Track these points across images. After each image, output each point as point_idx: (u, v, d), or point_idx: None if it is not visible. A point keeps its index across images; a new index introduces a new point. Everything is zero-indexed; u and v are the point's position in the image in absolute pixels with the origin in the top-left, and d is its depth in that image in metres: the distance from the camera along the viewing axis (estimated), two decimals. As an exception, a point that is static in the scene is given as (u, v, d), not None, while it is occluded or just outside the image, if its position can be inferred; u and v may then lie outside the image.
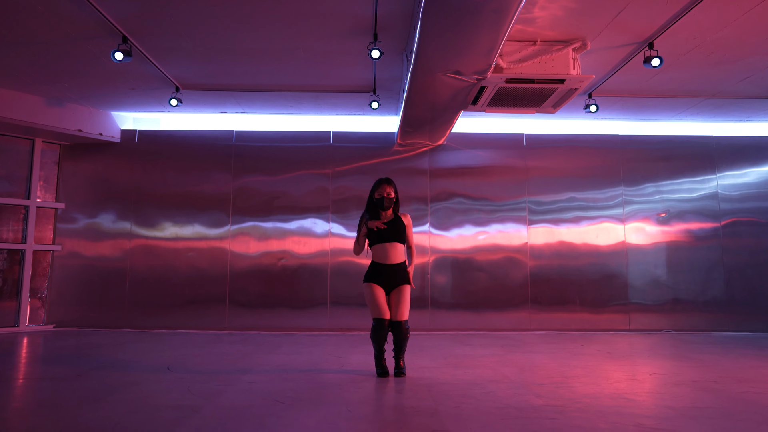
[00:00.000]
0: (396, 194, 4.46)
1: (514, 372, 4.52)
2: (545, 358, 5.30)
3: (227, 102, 7.24)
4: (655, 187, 8.00)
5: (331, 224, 7.78)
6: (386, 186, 4.42)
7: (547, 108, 6.13)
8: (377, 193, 4.42)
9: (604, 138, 8.10)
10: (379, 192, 4.42)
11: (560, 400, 3.49)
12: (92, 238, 7.70)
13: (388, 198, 4.40)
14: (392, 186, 4.46)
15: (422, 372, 4.51)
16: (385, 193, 4.39)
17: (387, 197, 4.39)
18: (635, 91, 6.69)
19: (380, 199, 4.40)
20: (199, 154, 7.90)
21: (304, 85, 6.65)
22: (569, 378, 4.27)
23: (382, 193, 4.40)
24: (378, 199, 4.41)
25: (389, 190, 4.42)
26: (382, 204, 4.40)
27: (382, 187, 4.42)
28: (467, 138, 8.02)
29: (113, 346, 5.97)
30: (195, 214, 7.79)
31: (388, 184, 4.44)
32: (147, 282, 7.64)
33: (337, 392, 3.74)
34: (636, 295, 7.78)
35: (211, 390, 3.77)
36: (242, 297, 7.65)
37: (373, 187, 4.47)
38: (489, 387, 3.91)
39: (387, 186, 4.43)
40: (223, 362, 4.97)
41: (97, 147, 7.81)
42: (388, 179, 4.48)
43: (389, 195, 4.40)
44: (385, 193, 4.39)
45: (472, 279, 7.76)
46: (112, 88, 6.74)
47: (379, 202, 4.40)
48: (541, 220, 7.90)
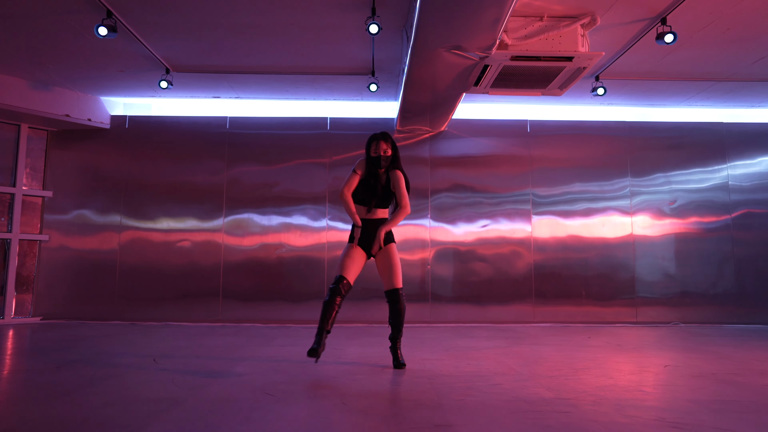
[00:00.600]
0: (394, 150, 4.10)
1: (520, 364, 4.27)
2: (552, 350, 5.04)
3: (220, 86, 6.96)
4: (664, 177, 7.72)
5: (329, 215, 7.51)
6: (381, 142, 4.04)
7: (554, 89, 5.86)
8: (372, 151, 4.05)
9: (611, 125, 7.82)
10: (375, 149, 4.05)
11: (572, 393, 3.24)
12: (81, 227, 7.43)
13: (385, 156, 4.03)
14: (389, 142, 4.07)
15: (423, 364, 4.26)
16: (381, 151, 4.03)
17: (384, 155, 4.03)
18: (644, 73, 6.41)
19: (376, 158, 4.03)
20: (192, 141, 7.63)
21: (299, 66, 6.37)
22: (579, 370, 4.02)
23: (378, 150, 4.03)
24: (374, 157, 4.04)
25: (385, 147, 4.04)
26: (378, 163, 4.03)
27: (378, 144, 4.04)
28: (469, 124, 7.75)
29: (99, 338, 5.72)
30: (187, 203, 7.52)
31: (384, 140, 4.05)
32: (137, 273, 7.38)
33: (332, 384, 3.48)
34: (643, 287, 7.52)
35: (196, 382, 3.51)
36: (236, 289, 7.39)
37: (368, 144, 4.09)
38: (495, 379, 3.65)
39: (383, 142, 4.05)
40: (213, 354, 4.71)
41: (86, 133, 7.53)
42: (385, 134, 4.09)
43: (386, 153, 4.04)
44: (381, 151, 4.03)
45: (474, 271, 7.50)
46: (99, 70, 6.46)
47: (375, 161, 4.04)
48: (546, 211, 7.63)
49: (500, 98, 7.44)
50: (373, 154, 4.04)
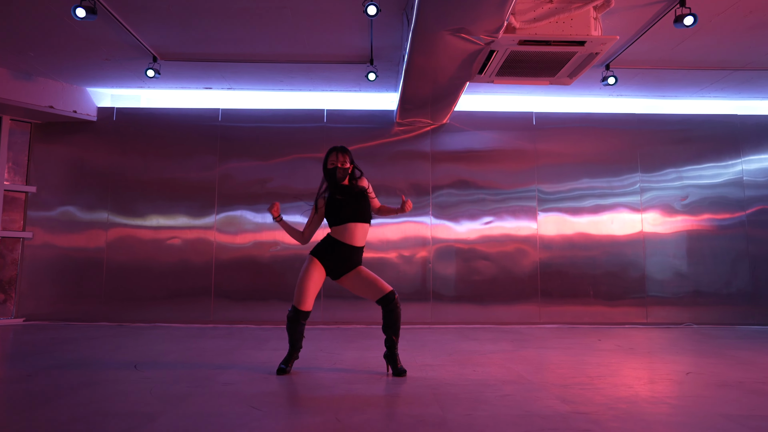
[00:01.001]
0: (353, 164, 3.89)
1: (530, 371, 3.95)
2: (561, 355, 4.73)
3: (212, 76, 6.64)
4: (675, 172, 7.40)
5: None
6: (339, 154, 3.83)
7: (563, 78, 5.54)
8: (330, 164, 3.83)
9: (620, 117, 7.50)
10: (332, 161, 3.83)
11: (591, 406, 2.92)
12: (66, 225, 7.11)
13: (342, 168, 3.80)
14: (346, 154, 3.86)
15: (424, 371, 3.94)
16: (338, 163, 3.81)
17: (341, 167, 3.80)
18: (657, 61, 6.09)
19: (332, 169, 3.81)
20: (183, 135, 7.31)
21: (294, 55, 6.05)
22: (594, 378, 3.71)
23: (335, 162, 3.81)
24: (330, 169, 3.82)
25: (343, 159, 3.82)
26: (334, 175, 3.80)
27: (334, 156, 3.83)
28: (472, 117, 7.43)
29: (83, 340, 5.40)
30: (178, 199, 7.20)
31: (342, 153, 3.84)
32: (125, 272, 7.05)
33: (326, 396, 3.16)
34: (654, 286, 7.20)
35: (177, 393, 3.20)
36: (229, 288, 7.07)
37: (326, 157, 3.88)
38: (504, 389, 3.34)
39: (340, 154, 3.83)
40: (201, 359, 4.40)
41: (72, 126, 7.20)
42: (343, 147, 3.89)
43: (343, 164, 3.81)
44: (339, 163, 3.81)
45: (477, 270, 7.18)
46: (83, 59, 6.13)
47: (331, 173, 3.81)
48: (552, 207, 7.31)
49: (505, 89, 7.12)
50: (329, 166, 3.83)
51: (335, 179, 3.82)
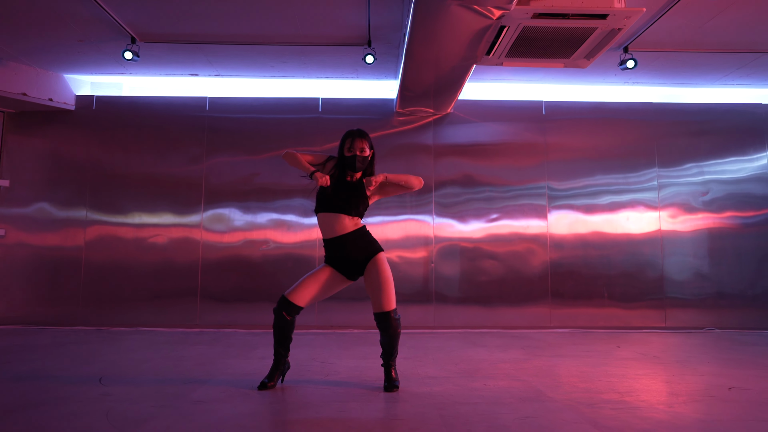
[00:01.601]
0: (372, 151, 3.44)
1: (549, 385, 3.46)
2: (580, 364, 4.23)
3: (197, 60, 6.13)
4: (696, 166, 6.88)
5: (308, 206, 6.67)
6: (358, 140, 3.37)
7: (579, 59, 5.04)
8: (347, 150, 3.38)
9: (635, 107, 6.99)
10: (350, 148, 3.37)
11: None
12: (41, 222, 6.60)
13: (362, 157, 3.37)
14: (366, 140, 3.41)
15: (429, 385, 3.45)
16: (357, 150, 3.36)
17: (360, 155, 3.36)
18: (681, 42, 5.59)
19: (351, 157, 3.36)
20: (168, 125, 6.80)
21: (285, 36, 5.55)
22: (624, 395, 3.21)
23: (354, 149, 3.36)
24: (349, 157, 3.37)
25: (362, 146, 3.37)
26: (353, 164, 3.37)
27: (354, 142, 3.37)
28: (477, 106, 6.92)
29: (52, 347, 4.90)
30: (162, 195, 6.69)
31: (362, 138, 3.39)
32: (105, 273, 6.55)
33: (313, 418, 2.67)
34: (673, 288, 6.70)
35: (136, 415, 2.70)
36: (216, 290, 6.57)
37: (342, 141, 3.42)
38: (522, 409, 2.84)
39: (359, 140, 3.37)
40: (177, 370, 3.90)
41: (48, 115, 6.70)
42: (362, 132, 3.43)
43: (363, 152, 3.37)
44: (358, 150, 3.36)
45: (483, 270, 6.68)
46: (55, 40, 5.62)
47: (350, 161, 3.37)
48: (564, 204, 6.80)
49: (512, 75, 6.61)
50: (347, 153, 3.39)
51: (353, 168, 3.39)
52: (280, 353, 3.37)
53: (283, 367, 3.41)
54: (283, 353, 3.38)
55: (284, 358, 3.39)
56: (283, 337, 3.36)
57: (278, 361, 3.38)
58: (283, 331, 3.34)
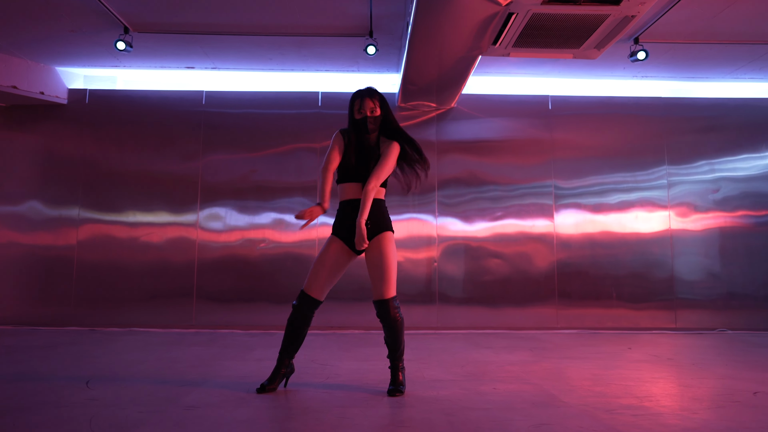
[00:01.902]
0: (385, 110, 3.12)
1: (561, 388, 3.26)
2: (592, 367, 4.04)
3: (193, 52, 5.95)
4: (707, 164, 6.70)
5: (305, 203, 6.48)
6: (367, 100, 3.07)
7: (589, 49, 4.86)
8: (357, 112, 3.09)
9: (644, 102, 6.81)
10: (360, 110, 3.08)
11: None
12: (32, 220, 6.42)
13: (373, 117, 3.06)
14: (377, 98, 3.10)
15: (435, 388, 3.25)
16: (368, 111, 3.07)
17: (371, 116, 3.06)
18: (693, 33, 5.41)
19: (362, 119, 3.06)
20: (163, 120, 6.62)
21: (284, 26, 5.37)
22: (643, 399, 3.02)
23: (365, 110, 3.07)
24: (360, 120, 3.07)
25: (373, 105, 3.07)
26: (365, 126, 3.06)
27: (364, 102, 3.07)
28: (481, 101, 6.74)
29: (40, 348, 4.71)
30: (157, 193, 6.50)
31: (371, 97, 3.09)
32: (98, 273, 6.36)
33: (313, 425, 2.48)
34: (683, 288, 6.51)
35: (123, 421, 2.51)
36: (213, 290, 6.38)
37: (351, 104, 3.13)
38: (536, 415, 2.65)
39: (368, 100, 3.07)
40: (170, 372, 3.71)
41: (39, 110, 6.51)
42: (371, 89, 3.13)
43: (374, 113, 3.07)
44: (368, 111, 3.07)
45: (487, 269, 6.49)
46: (46, 30, 5.44)
47: (362, 123, 3.06)
48: (570, 203, 6.61)
49: (518, 68, 6.43)
50: (358, 116, 3.09)
51: (366, 130, 3.07)
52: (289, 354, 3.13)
53: (287, 370, 3.19)
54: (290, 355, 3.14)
55: (289, 360, 3.15)
56: (296, 336, 3.11)
57: (280, 364, 3.13)
58: (295, 331, 3.10)
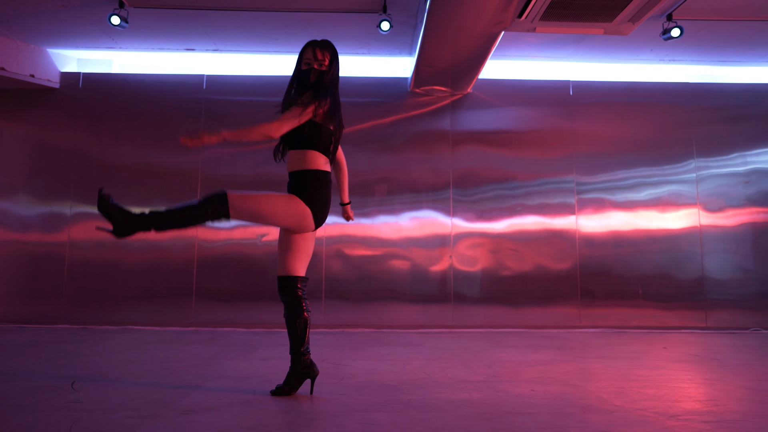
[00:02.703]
0: (332, 67, 2.73)
1: (609, 390, 2.87)
2: (631, 366, 3.66)
3: (193, 31, 5.58)
4: (738, 156, 6.31)
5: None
6: (318, 51, 2.70)
7: (623, 23, 4.49)
8: (304, 63, 2.72)
9: (671, 87, 6.43)
10: (307, 59, 2.70)
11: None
12: (21, 213, 6.02)
13: (320, 71, 2.69)
14: (329, 52, 2.72)
15: (465, 389, 2.86)
16: (315, 64, 2.69)
17: (317, 69, 2.68)
18: (729, 9, 5.04)
19: (307, 71, 2.69)
20: (162, 106, 6.24)
21: (294, 3, 4.99)
22: (708, 402, 2.63)
23: (311, 61, 2.70)
24: (305, 71, 2.70)
25: (322, 58, 2.69)
26: (307, 78, 2.68)
27: (315, 52, 2.69)
28: (498, 86, 6.36)
29: (25, 347, 4.32)
30: (155, 186, 6.12)
31: (324, 49, 2.71)
32: (91, 269, 5.97)
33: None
34: (714, 286, 6.12)
35: (112, 428, 2.12)
36: (213, 287, 5.99)
37: (301, 52, 2.75)
38: (593, 421, 2.25)
39: (320, 51, 2.70)
40: (166, 373, 3.31)
41: (29, 94, 6.13)
42: (328, 41, 2.74)
43: (321, 66, 2.69)
44: (316, 64, 2.69)
45: (506, 267, 6.10)
46: (35, 5, 5.06)
47: (305, 75, 2.70)
48: (593, 199, 6.23)
49: (537, 51, 6.05)
50: (304, 67, 2.72)
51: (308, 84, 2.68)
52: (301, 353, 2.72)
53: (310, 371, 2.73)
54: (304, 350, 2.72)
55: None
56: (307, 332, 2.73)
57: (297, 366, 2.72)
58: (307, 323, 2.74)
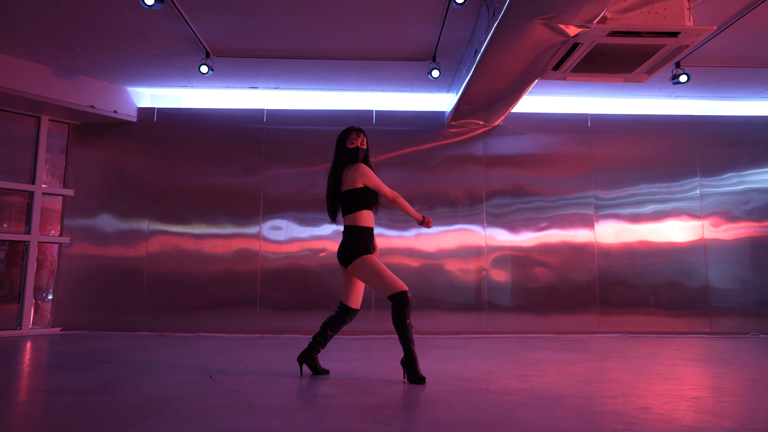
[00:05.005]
0: (367, 146, 3.83)
1: (638, 380, 3.64)
2: (652, 364, 4.42)
3: (260, 74, 6.37)
4: (736, 176, 7.14)
5: (376, 218, 6.87)
6: (362, 135, 3.80)
7: (640, 74, 5.28)
8: (350, 142, 3.74)
9: (677, 119, 7.26)
10: (352, 140, 3.75)
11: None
12: (104, 231, 6.80)
13: (363, 149, 3.78)
14: (364, 135, 3.83)
15: (526, 380, 3.62)
16: (359, 143, 3.76)
17: (361, 147, 3.76)
18: (730, 58, 5.85)
19: (354, 149, 3.72)
20: (227, 137, 7.02)
21: (351, 51, 5.79)
22: (719, 389, 3.40)
23: (356, 141, 3.75)
24: (351, 149, 3.72)
25: (363, 140, 3.80)
26: (356, 156, 3.72)
27: (355, 134, 3.76)
28: (525, 119, 7.17)
29: (129, 351, 5.06)
30: (221, 206, 6.89)
31: (363, 133, 3.82)
32: (167, 281, 6.73)
33: (463, 412, 2.85)
34: (717, 296, 6.91)
35: (282, 406, 2.88)
36: (275, 297, 6.76)
37: (343, 135, 3.80)
38: (636, 401, 3.03)
39: (363, 135, 3.81)
40: (273, 369, 4.07)
41: (111, 127, 6.92)
42: (359, 128, 3.84)
43: (363, 145, 3.78)
44: (359, 143, 3.76)
45: (534, 278, 6.89)
46: (131, 54, 5.86)
47: (353, 153, 3.72)
48: (610, 214, 7.02)
49: (558, 89, 6.87)
50: (350, 146, 3.76)
51: (355, 159, 3.74)
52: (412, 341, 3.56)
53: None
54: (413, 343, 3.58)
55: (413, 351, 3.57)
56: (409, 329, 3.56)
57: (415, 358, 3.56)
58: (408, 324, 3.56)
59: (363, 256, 3.61)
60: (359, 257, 3.61)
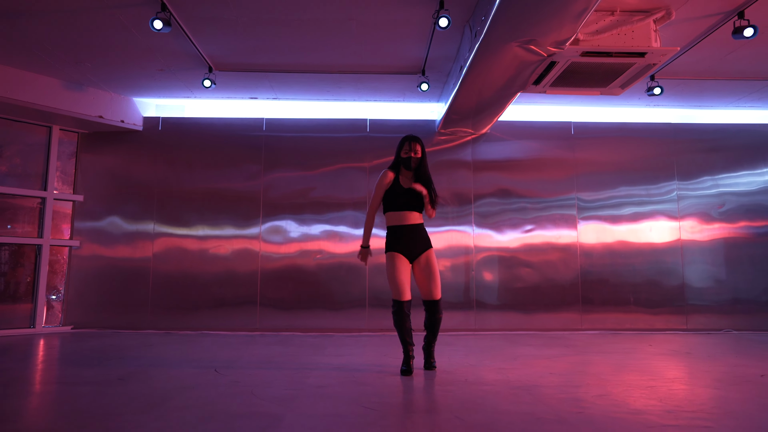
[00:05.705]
0: (423, 154, 4.14)
1: (609, 372, 4.02)
2: (626, 358, 4.80)
3: (260, 86, 6.74)
4: (711, 180, 7.53)
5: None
6: (416, 144, 4.11)
7: (614, 88, 5.67)
8: (404, 152, 4.11)
9: (656, 126, 7.64)
10: (406, 150, 4.10)
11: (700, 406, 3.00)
12: (112, 234, 7.17)
13: (416, 158, 4.08)
14: (419, 144, 4.14)
15: (504, 373, 4.01)
16: (413, 152, 4.09)
17: (414, 156, 4.09)
18: (702, 72, 6.23)
19: (408, 158, 4.07)
20: (228, 144, 7.39)
21: (346, 65, 6.16)
22: (679, 380, 3.79)
23: (410, 151, 4.09)
24: (405, 158, 4.09)
25: (417, 149, 4.10)
26: (408, 164, 4.08)
27: (411, 145, 4.10)
28: (512, 126, 7.55)
29: (141, 347, 5.44)
30: (223, 209, 7.27)
31: (418, 142, 4.13)
32: (171, 281, 7.11)
33: (440, 399, 3.23)
34: (693, 293, 7.31)
35: (280, 395, 3.26)
36: (274, 297, 7.13)
37: (400, 144, 4.15)
38: (604, 387, 3.41)
39: (417, 144, 4.12)
40: (273, 364, 4.45)
41: (118, 136, 7.29)
42: (416, 136, 4.17)
43: (416, 154, 4.09)
44: (413, 152, 4.09)
45: (519, 277, 7.27)
46: (138, 69, 6.23)
47: (406, 161, 4.08)
48: (592, 216, 7.41)
49: (544, 99, 7.25)
50: (404, 155, 4.10)
51: (408, 167, 4.09)
52: (407, 345, 3.97)
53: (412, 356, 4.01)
54: (410, 343, 3.98)
55: (411, 348, 3.98)
56: (406, 333, 3.97)
57: (407, 352, 3.97)
58: (405, 328, 3.98)
59: (387, 252, 4.09)
60: (386, 253, 4.10)
